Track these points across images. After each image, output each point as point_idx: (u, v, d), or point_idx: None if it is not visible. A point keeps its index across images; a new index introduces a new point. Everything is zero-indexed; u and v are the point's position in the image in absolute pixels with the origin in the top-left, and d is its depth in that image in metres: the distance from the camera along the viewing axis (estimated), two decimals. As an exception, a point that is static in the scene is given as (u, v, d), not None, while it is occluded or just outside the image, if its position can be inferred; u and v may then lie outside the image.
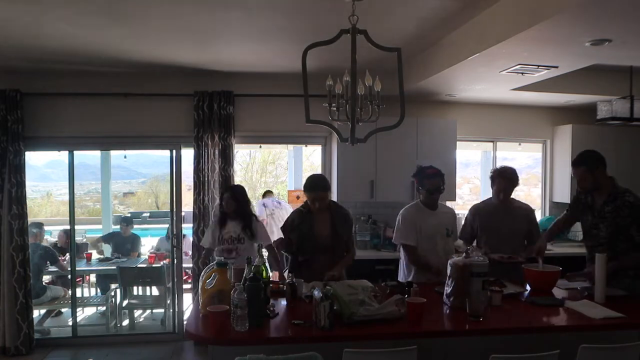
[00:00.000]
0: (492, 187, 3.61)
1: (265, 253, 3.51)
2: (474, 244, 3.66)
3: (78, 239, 6.09)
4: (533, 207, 4.08)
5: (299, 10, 3.12)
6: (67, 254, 5.59)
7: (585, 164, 3.19)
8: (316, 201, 3.39)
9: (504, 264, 3.36)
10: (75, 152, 5.02)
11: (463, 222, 3.80)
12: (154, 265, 5.74)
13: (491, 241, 3.55)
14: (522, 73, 3.74)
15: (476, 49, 3.27)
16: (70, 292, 5.41)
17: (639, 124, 4.27)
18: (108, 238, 6.58)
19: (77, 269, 5.46)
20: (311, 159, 9.24)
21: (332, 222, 3.45)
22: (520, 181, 3.76)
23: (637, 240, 3.07)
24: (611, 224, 3.12)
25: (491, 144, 5.77)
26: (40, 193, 9.48)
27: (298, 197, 7.15)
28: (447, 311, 2.69)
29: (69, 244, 5.45)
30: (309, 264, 3.35)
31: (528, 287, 3.17)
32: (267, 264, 2.89)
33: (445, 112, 5.37)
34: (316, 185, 3.42)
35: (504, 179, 3.55)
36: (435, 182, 3.49)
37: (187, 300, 5.36)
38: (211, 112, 4.80)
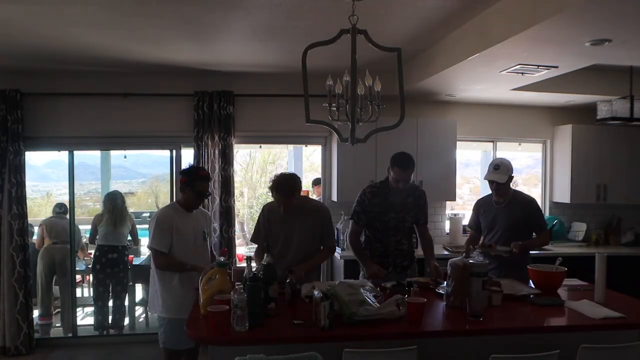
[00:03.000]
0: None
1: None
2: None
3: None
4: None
5: (299, 10, 3.12)
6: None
7: (414, 166, 3.41)
8: None
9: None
10: (75, 152, 5.03)
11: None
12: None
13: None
14: (522, 73, 3.74)
15: (476, 49, 3.27)
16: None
17: (639, 124, 4.27)
18: None
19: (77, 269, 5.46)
20: (311, 159, 9.22)
21: None
22: (519, 181, 3.78)
23: (425, 220, 3.63)
24: (415, 214, 3.54)
25: (491, 144, 5.77)
26: (40, 193, 9.44)
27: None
28: (447, 311, 2.69)
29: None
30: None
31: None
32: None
33: (445, 112, 5.37)
34: None
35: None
36: (207, 185, 3.29)
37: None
38: (211, 112, 4.80)
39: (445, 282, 3.12)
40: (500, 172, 3.54)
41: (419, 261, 3.72)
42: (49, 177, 9.46)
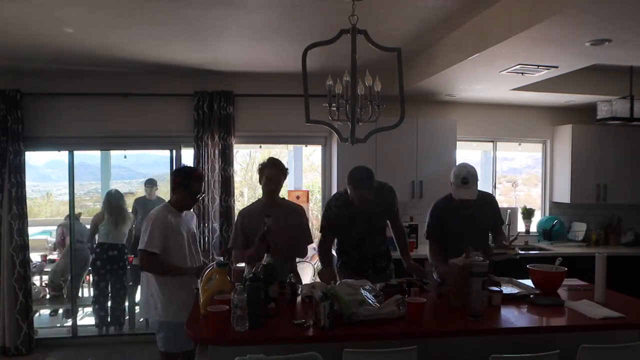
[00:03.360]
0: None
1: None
2: None
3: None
4: (533, 207, 4.06)
5: (299, 10, 3.12)
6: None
7: (370, 186, 3.20)
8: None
9: None
10: (75, 152, 5.03)
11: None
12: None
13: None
14: (522, 73, 3.74)
15: (476, 49, 3.27)
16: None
17: (639, 124, 4.28)
18: (135, 204, 6.09)
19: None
20: (311, 159, 9.21)
21: None
22: (519, 181, 3.73)
23: (396, 215, 3.49)
24: (386, 214, 3.43)
25: (491, 144, 5.77)
26: (40, 193, 9.45)
27: (298, 197, 7.14)
28: (447, 311, 2.69)
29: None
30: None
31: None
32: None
33: (445, 112, 5.37)
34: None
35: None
36: (202, 185, 3.31)
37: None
38: (211, 112, 4.80)
39: (428, 282, 3.17)
40: (470, 186, 3.11)
41: (397, 261, 3.59)
42: (49, 177, 9.46)
